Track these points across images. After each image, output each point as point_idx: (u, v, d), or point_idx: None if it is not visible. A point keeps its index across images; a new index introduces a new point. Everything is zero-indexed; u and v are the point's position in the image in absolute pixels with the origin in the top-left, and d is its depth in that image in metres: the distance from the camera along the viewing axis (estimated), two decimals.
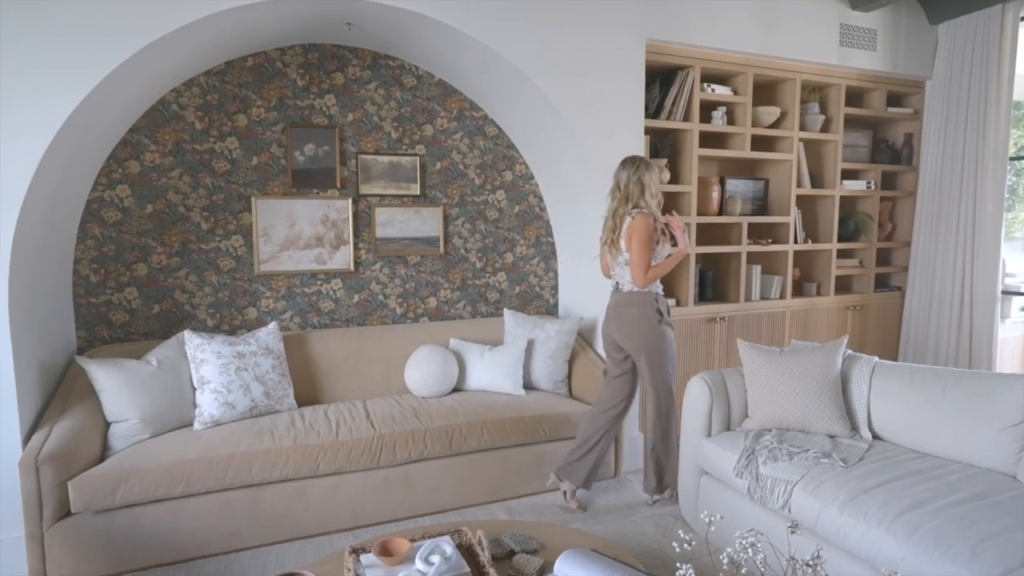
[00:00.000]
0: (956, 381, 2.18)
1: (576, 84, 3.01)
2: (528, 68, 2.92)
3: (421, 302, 3.52)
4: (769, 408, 2.43)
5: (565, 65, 2.99)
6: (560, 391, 3.22)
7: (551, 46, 2.95)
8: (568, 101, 3.01)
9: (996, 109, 3.60)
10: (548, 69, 2.95)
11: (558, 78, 2.98)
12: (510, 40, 2.86)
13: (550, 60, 2.96)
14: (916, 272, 4.04)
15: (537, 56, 2.93)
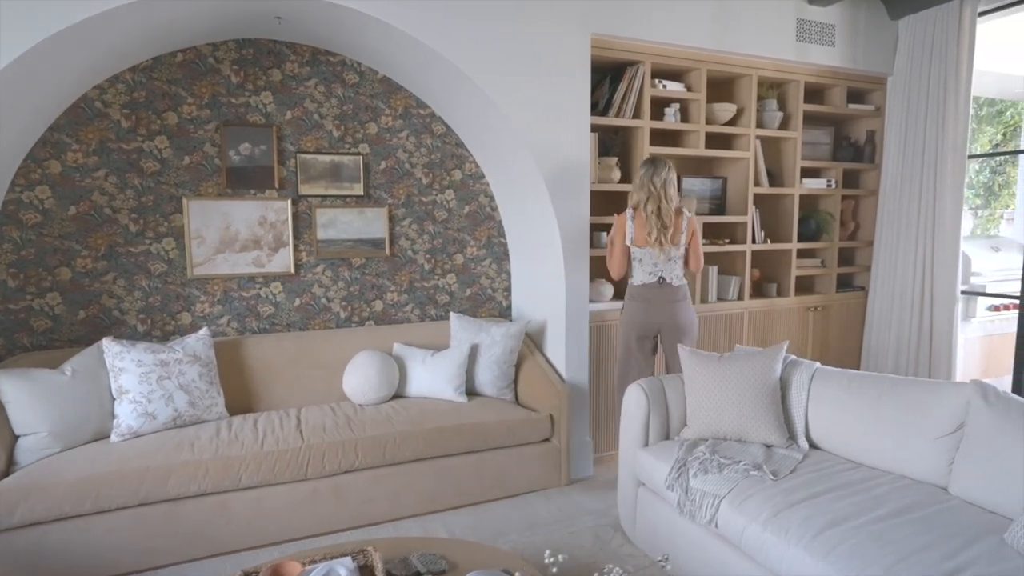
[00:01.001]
0: (892, 388, 2.11)
1: (518, 81, 2.91)
2: (467, 65, 2.82)
3: (366, 305, 3.42)
4: (706, 417, 2.35)
5: (506, 61, 2.89)
6: (505, 397, 3.13)
7: (491, 42, 2.85)
8: (510, 98, 2.91)
9: (955, 105, 3.52)
10: (488, 66, 2.85)
11: (499, 75, 2.88)
12: (448, 36, 2.76)
13: (490, 56, 2.86)
14: (878, 272, 3.97)
15: (476, 52, 2.83)
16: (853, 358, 4.14)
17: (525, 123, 2.95)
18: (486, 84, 2.86)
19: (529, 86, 2.94)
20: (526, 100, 2.94)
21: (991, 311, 4.64)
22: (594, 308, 3.32)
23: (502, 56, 2.88)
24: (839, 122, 4.21)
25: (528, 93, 2.94)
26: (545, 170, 3.01)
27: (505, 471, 2.89)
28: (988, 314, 4.66)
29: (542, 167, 3.00)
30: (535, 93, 2.95)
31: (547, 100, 2.98)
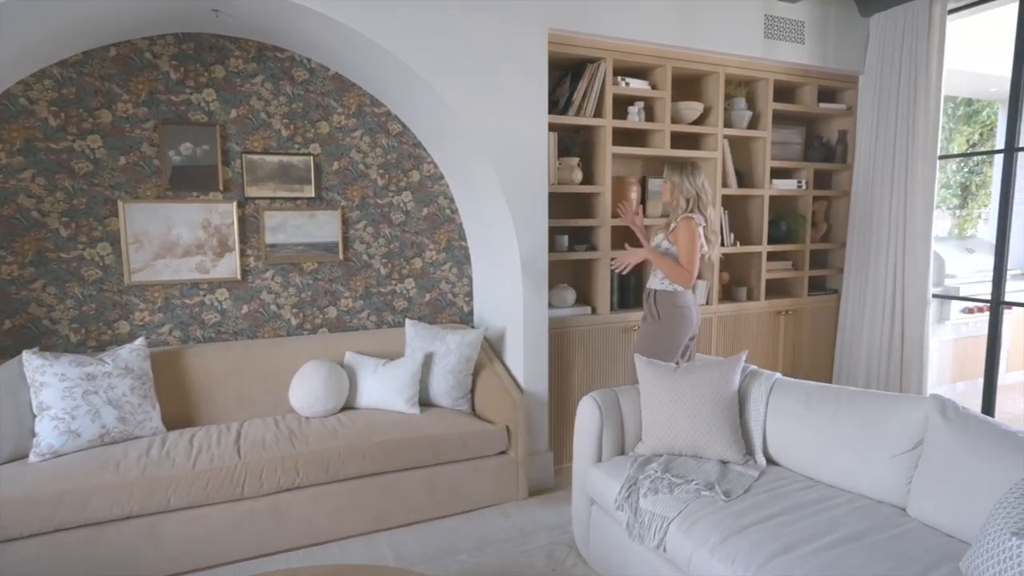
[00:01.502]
0: (850, 402, 2.00)
1: (471, 78, 2.79)
2: (415, 61, 2.68)
3: (319, 312, 3.28)
4: (661, 431, 2.24)
5: (458, 58, 2.76)
6: (461, 408, 3.01)
7: (441, 36, 2.72)
8: (462, 97, 2.78)
9: (925, 104, 3.44)
10: (438, 62, 2.72)
11: (450, 72, 2.75)
12: (393, 30, 2.62)
13: (440, 52, 2.72)
14: (850, 274, 3.89)
15: (424, 47, 2.70)
16: (826, 362, 4.06)
17: (479, 122, 2.82)
18: (436, 81, 2.73)
19: (483, 84, 2.81)
20: (480, 98, 2.81)
21: (965, 313, 4.58)
22: (555, 315, 3.20)
23: (454, 52, 2.75)
24: (811, 121, 4.12)
25: (482, 91, 2.81)
26: (500, 171, 2.88)
27: (458, 486, 2.77)
28: (963, 316, 4.60)
29: (497, 168, 2.88)
30: (489, 91, 2.83)
31: (502, 98, 2.85)
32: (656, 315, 2.79)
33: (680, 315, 2.78)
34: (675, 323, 2.77)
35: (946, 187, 7.28)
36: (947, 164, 7.28)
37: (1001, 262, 3.36)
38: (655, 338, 2.78)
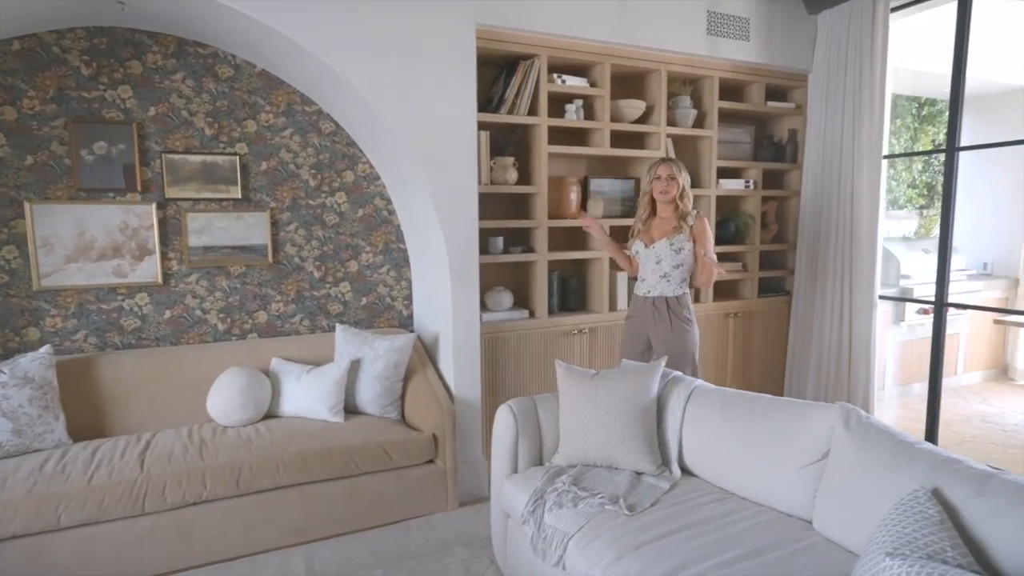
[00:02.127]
0: (763, 411, 1.93)
1: (395, 77, 2.69)
2: (335, 60, 2.58)
3: (248, 317, 3.17)
4: (576, 441, 2.15)
5: (381, 56, 2.66)
6: (390, 415, 2.91)
7: (362, 34, 2.62)
8: (386, 96, 2.69)
9: (870, 103, 3.38)
10: (360, 60, 2.62)
11: (373, 71, 2.65)
12: (310, 27, 2.52)
13: (361, 50, 2.63)
14: (801, 276, 3.83)
15: (346, 46, 2.60)
16: (778, 365, 4.00)
17: (403, 122, 2.73)
18: (357, 80, 2.64)
19: (407, 82, 2.72)
20: (404, 97, 2.72)
21: (921, 314, 4.54)
22: (491, 318, 3.11)
23: (376, 49, 2.65)
24: (761, 120, 4.06)
25: (406, 89, 2.72)
26: (426, 171, 2.79)
27: (382, 496, 2.67)
28: (918, 317, 4.55)
29: (423, 168, 2.79)
30: (414, 89, 2.73)
31: (428, 97, 2.76)
32: (686, 319, 2.78)
33: (694, 313, 2.84)
34: (696, 324, 2.82)
35: (912, 187, 7.29)
36: (912, 164, 7.30)
37: (944, 263, 3.31)
38: (691, 343, 2.77)
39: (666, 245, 2.76)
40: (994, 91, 4.96)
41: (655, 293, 2.81)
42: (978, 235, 5.28)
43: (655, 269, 2.78)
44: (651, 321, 2.80)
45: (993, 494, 1.32)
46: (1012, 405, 4.32)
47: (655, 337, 2.81)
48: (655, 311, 2.79)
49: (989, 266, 5.18)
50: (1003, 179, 5.03)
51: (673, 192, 2.75)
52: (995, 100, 5.04)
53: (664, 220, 2.81)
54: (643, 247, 2.82)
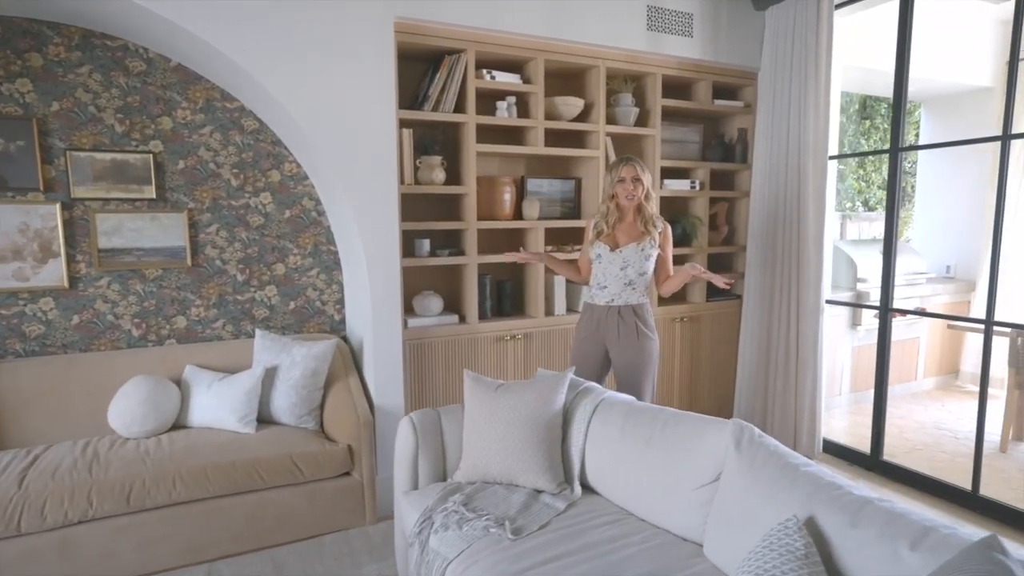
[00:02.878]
0: (664, 427, 1.82)
1: (308, 74, 2.57)
2: (243, 56, 2.46)
3: (166, 322, 3.03)
4: (475, 456, 2.04)
5: (292, 51, 2.54)
6: (307, 426, 2.78)
7: (271, 27, 2.50)
8: (299, 94, 2.57)
9: (815, 102, 3.28)
10: (269, 56, 2.50)
11: (283, 68, 2.53)
12: (212, 19, 2.40)
13: (271, 45, 2.51)
14: (752, 279, 3.73)
15: (254, 41, 2.48)
16: (729, 371, 3.90)
17: (316, 120, 2.61)
18: (266, 78, 2.52)
19: (321, 78, 2.60)
20: (317, 94, 2.60)
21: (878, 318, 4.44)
22: (418, 324, 3.00)
23: (286, 44, 2.54)
24: (712, 119, 3.95)
25: (319, 86, 2.60)
26: (342, 171, 2.67)
27: (292, 511, 2.55)
28: (876, 321, 4.45)
29: (338, 168, 2.67)
30: (328, 86, 2.61)
31: (344, 93, 2.64)
32: (651, 329, 2.64)
33: (655, 328, 2.70)
34: (657, 338, 2.67)
35: (882, 188, 7.21)
36: (882, 164, 7.22)
37: (889, 267, 3.21)
38: (655, 356, 2.64)
39: (635, 250, 2.58)
40: (955, 91, 4.88)
41: (620, 302, 2.61)
42: (941, 237, 5.20)
43: (619, 276, 2.59)
44: (613, 332, 2.60)
45: (866, 524, 1.21)
46: (969, 411, 4.23)
47: (616, 350, 2.62)
48: (620, 321, 2.60)
49: (952, 269, 5.10)
50: (966, 180, 4.95)
51: (639, 194, 2.58)
52: (956, 100, 4.96)
53: (630, 223, 2.63)
54: (607, 251, 2.61)
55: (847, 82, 4.94)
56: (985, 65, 4.68)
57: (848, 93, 6.08)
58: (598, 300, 2.66)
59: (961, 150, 4.72)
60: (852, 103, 6.55)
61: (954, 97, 4.98)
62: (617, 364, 2.64)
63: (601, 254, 2.64)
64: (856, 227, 7.54)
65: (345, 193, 2.68)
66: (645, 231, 2.61)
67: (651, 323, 2.65)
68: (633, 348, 2.58)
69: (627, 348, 2.59)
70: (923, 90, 5.11)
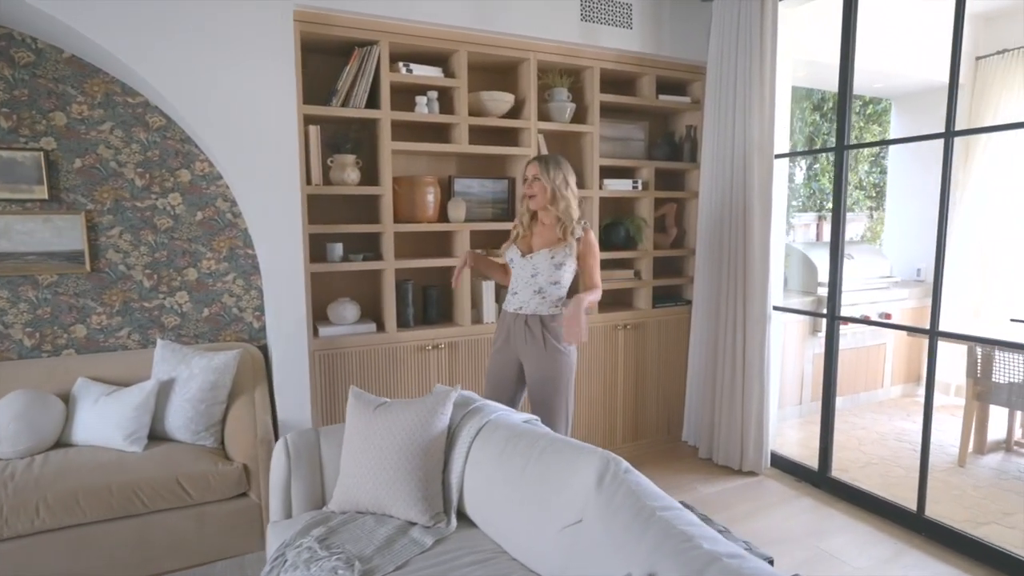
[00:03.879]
0: (540, 456, 1.63)
1: (194, 66, 2.39)
2: (118, 46, 2.28)
3: (63, 331, 2.85)
4: (347, 483, 1.86)
5: (178, 42, 2.36)
6: (205, 443, 2.60)
7: (152, 16, 2.32)
8: (185, 88, 2.39)
9: (760, 98, 3.10)
10: (150, 48, 2.32)
11: (166, 60, 2.35)
12: (96, 17, 2.22)
13: (151, 36, 2.32)
14: (701, 284, 3.55)
15: (132, 31, 2.30)
16: (678, 382, 3.71)
17: (206, 116, 2.43)
18: (141, 65, 2.34)
19: (210, 72, 2.42)
20: (205, 89, 2.42)
21: None
22: (332, 333, 2.81)
23: (170, 34, 2.36)
24: (660, 116, 3.77)
25: (209, 81, 2.42)
26: (238, 171, 2.49)
27: (180, 537, 2.37)
28: None
29: (236, 168, 2.48)
30: (220, 80, 2.44)
31: (237, 88, 2.46)
32: (558, 340, 2.41)
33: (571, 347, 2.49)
34: (571, 352, 2.46)
35: (858, 188, 7.03)
36: (859, 165, 7.04)
37: (836, 273, 3.03)
38: (566, 369, 2.43)
39: (546, 257, 2.41)
40: (925, 88, 4.70)
41: (528, 310, 2.44)
42: (914, 239, 5.02)
43: (530, 282, 2.44)
44: (522, 341, 2.44)
45: None
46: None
47: (527, 361, 2.46)
48: (527, 330, 2.43)
49: (922, 272, 4.92)
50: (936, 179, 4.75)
51: (539, 195, 2.39)
52: (926, 97, 4.78)
53: (546, 227, 2.45)
54: (519, 255, 2.47)
55: (812, 79, 4.77)
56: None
57: (812, 89, 5.90)
58: (509, 307, 2.50)
59: (929, 149, 4.54)
60: (826, 100, 6.37)
61: (924, 94, 4.80)
62: (528, 378, 2.46)
63: (513, 259, 2.49)
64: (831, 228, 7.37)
65: (244, 194, 2.50)
66: (562, 238, 2.42)
67: (559, 333, 2.43)
68: (542, 361, 2.40)
69: (536, 361, 2.41)
70: (893, 87, 4.94)
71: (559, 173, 2.38)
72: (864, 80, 4.62)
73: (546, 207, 2.40)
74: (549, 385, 2.39)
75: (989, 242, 4.32)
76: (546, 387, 2.39)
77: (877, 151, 6.78)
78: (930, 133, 2.71)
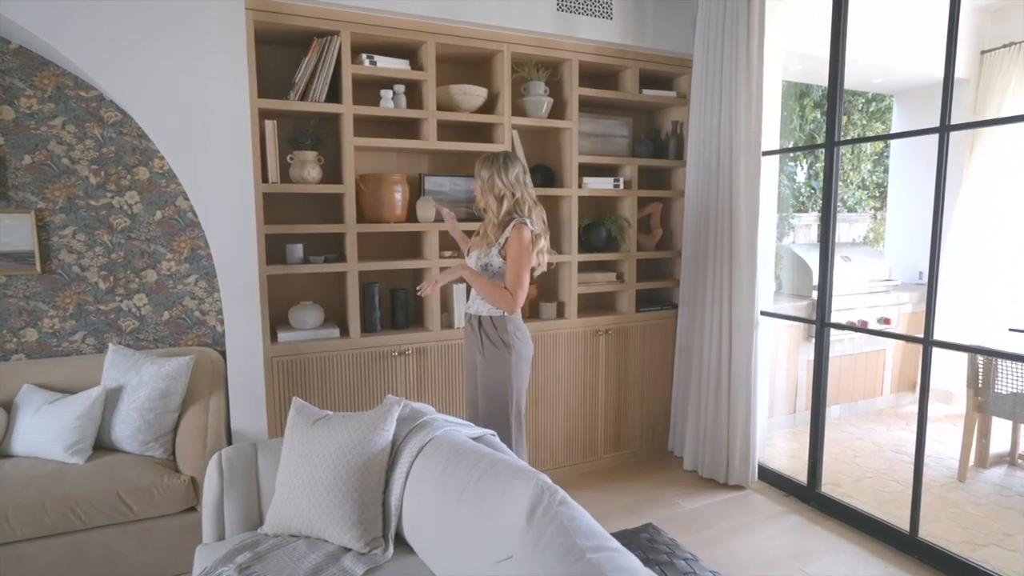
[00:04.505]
0: (481, 476, 1.48)
1: (138, 57, 2.27)
2: (57, 36, 2.15)
3: (12, 335, 2.73)
4: (282, 503, 1.72)
5: (120, 32, 2.24)
6: (153, 454, 2.47)
7: (93, 6, 2.19)
8: (128, 82, 2.27)
9: (747, 92, 2.94)
10: (90, 40, 2.20)
11: (110, 53, 2.22)
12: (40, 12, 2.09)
13: (93, 26, 2.20)
14: (687, 288, 3.39)
15: (70, 21, 2.17)
16: (664, 390, 3.55)
17: (150, 110, 2.30)
18: (79, 54, 2.22)
19: (154, 63, 2.29)
20: (151, 82, 2.31)
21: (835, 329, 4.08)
22: (292, 338, 2.68)
23: (112, 23, 2.23)
24: (646, 111, 3.62)
25: (155, 75, 2.31)
26: (185, 166, 2.36)
27: (120, 555, 2.24)
28: (837, 332, 4.09)
29: (179, 162, 2.35)
30: (165, 74, 2.32)
31: (185, 81, 2.34)
32: (502, 343, 2.32)
33: (525, 337, 2.38)
34: (524, 348, 2.36)
35: (861, 188, 6.84)
36: (862, 164, 6.84)
37: (826, 277, 2.86)
38: (507, 373, 2.31)
39: (475, 258, 2.39)
40: (927, 83, 4.51)
41: (473, 310, 2.41)
42: (912, 240, 4.83)
43: None
44: (474, 342, 2.41)
45: None
46: (931, 432, 3.87)
47: (478, 362, 2.41)
48: (473, 331, 2.41)
49: (924, 275, 4.72)
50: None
51: (478, 198, 2.37)
52: (929, 92, 4.59)
53: (494, 228, 2.35)
54: (465, 258, 2.48)
55: (808, 74, 4.59)
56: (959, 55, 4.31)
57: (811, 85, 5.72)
58: (467, 308, 2.46)
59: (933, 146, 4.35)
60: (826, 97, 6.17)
61: (926, 89, 4.61)
62: (480, 381, 2.40)
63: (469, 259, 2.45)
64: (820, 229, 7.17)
65: (194, 191, 2.37)
66: (495, 237, 2.31)
67: (509, 336, 2.32)
68: (487, 361, 2.34)
69: (483, 361, 2.36)
70: (895, 82, 4.75)
71: (488, 169, 2.29)
72: (862, 75, 4.44)
73: (481, 207, 2.37)
74: (493, 387, 2.33)
75: (993, 242, 4.13)
76: (488, 387, 2.33)
77: (881, 150, 6.58)
78: (924, 128, 2.53)
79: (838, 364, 4.18)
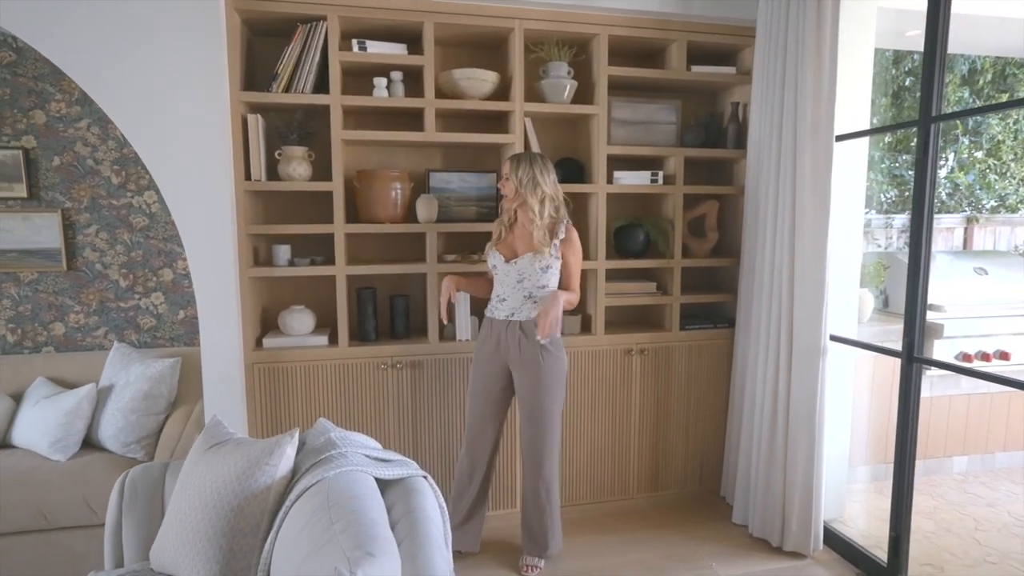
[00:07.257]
0: (323, 546, 1.17)
1: (112, 53, 2.20)
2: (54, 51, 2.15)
3: (43, 328, 2.87)
4: (163, 534, 1.53)
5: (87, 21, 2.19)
6: (133, 455, 2.44)
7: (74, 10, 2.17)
8: (101, 77, 2.21)
9: (816, 64, 2.34)
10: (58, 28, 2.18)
11: (82, 46, 2.19)
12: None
13: (62, 17, 2.18)
14: (743, 302, 2.82)
15: (42, 14, 2.17)
16: (713, 425, 2.99)
17: (124, 108, 2.24)
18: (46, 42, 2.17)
19: (124, 52, 2.21)
20: (125, 77, 2.21)
21: (959, 358, 3.22)
22: (277, 344, 2.53)
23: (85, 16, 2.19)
24: (698, 93, 3.07)
25: (125, 62, 2.22)
26: (160, 167, 2.28)
27: (82, 558, 2.21)
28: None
29: (154, 162, 2.28)
30: (136, 63, 2.22)
31: (156, 73, 2.23)
32: (557, 347, 2.32)
33: (562, 346, 2.36)
34: (564, 357, 2.35)
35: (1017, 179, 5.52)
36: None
37: (915, 296, 2.18)
38: (559, 376, 2.32)
39: (531, 261, 2.26)
40: None
41: (520, 316, 2.30)
42: None
43: (517, 288, 2.29)
44: (514, 349, 2.29)
45: None
46: None
47: (519, 370, 2.31)
48: (522, 337, 2.28)
49: None
50: None
51: (510, 194, 2.27)
52: None
53: (527, 228, 2.28)
54: (502, 261, 2.31)
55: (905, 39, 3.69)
56: None
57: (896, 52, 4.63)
58: (498, 314, 2.34)
59: None
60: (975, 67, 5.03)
61: None
62: (519, 387, 2.33)
63: (496, 264, 2.33)
64: (991, 234, 5.87)
65: (167, 188, 2.29)
66: (543, 240, 2.25)
67: (558, 340, 2.33)
68: (536, 366, 2.27)
69: (530, 366, 2.28)
70: None
71: (528, 171, 2.22)
72: (996, 34, 3.47)
73: (524, 206, 2.25)
74: (543, 392, 2.28)
75: None
76: (539, 394, 2.28)
77: None
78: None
79: (959, 404, 3.31)
